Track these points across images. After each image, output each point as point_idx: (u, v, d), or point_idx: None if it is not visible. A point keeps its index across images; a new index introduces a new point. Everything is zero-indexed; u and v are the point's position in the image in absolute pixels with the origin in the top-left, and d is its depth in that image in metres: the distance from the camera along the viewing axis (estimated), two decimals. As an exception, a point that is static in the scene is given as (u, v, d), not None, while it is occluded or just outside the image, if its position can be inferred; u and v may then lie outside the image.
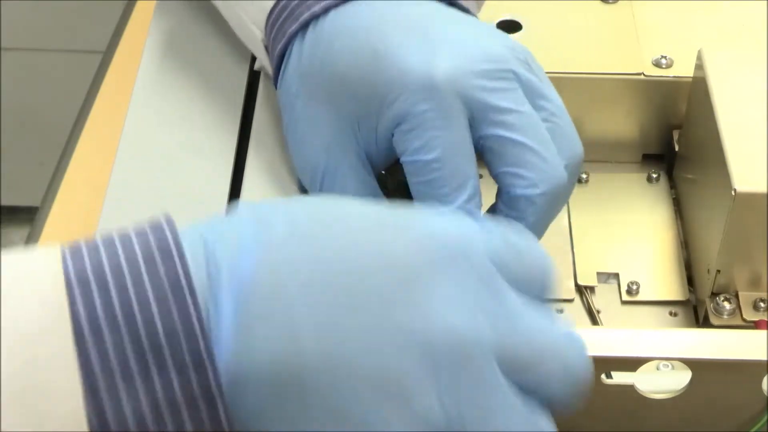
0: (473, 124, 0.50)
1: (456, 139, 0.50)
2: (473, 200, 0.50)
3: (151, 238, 0.37)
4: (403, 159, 0.51)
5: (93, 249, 0.38)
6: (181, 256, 0.37)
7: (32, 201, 1.21)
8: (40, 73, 1.68)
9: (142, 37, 0.66)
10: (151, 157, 0.59)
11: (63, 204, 0.68)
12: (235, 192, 0.57)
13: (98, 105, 0.75)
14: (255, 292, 0.37)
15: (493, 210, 0.53)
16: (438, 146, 0.50)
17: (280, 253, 0.38)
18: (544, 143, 0.51)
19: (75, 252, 0.37)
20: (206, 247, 0.38)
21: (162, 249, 0.37)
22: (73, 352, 0.35)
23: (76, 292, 0.36)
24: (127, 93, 0.63)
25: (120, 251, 0.37)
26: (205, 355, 0.35)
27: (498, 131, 0.50)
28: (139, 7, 0.82)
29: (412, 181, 0.51)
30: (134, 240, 0.38)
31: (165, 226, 0.38)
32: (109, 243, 0.38)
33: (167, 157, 0.59)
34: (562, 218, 0.67)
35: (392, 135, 0.51)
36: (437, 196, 0.50)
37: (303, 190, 0.56)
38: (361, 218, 0.40)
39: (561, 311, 0.63)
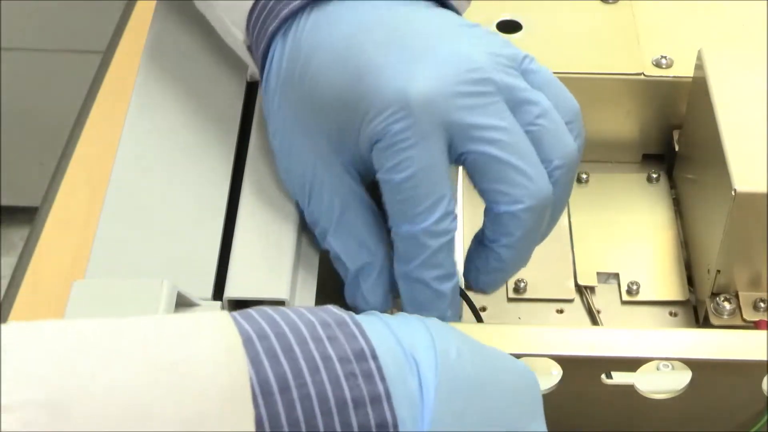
0: (453, 141, 0.50)
1: (430, 159, 0.50)
2: (447, 219, 0.51)
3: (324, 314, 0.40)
4: (378, 176, 0.51)
5: (261, 313, 0.40)
6: (363, 332, 0.40)
7: (32, 201, 1.21)
8: (40, 73, 1.68)
9: (142, 37, 0.66)
10: (151, 156, 0.59)
11: (63, 204, 0.68)
12: (235, 190, 0.57)
13: (98, 105, 0.75)
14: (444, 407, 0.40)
15: (482, 230, 0.53)
16: (411, 166, 0.50)
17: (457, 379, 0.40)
18: (525, 157, 0.50)
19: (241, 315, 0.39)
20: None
21: (340, 320, 0.40)
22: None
23: (264, 348, 0.38)
24: (127, 93, 0.63)
25: (297, 321, 0.39)
26: (390, 420, 0.38)
27: (478, 147, 0.50)
28: (139, 7, 0.82)
29: (386, 198, 0.51)
30: (308, 314, 0.40)
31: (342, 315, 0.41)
32: (282, 313, 0.40)
33: (167, 156, 0.59)
34: (562, 218, 0.67)
35: (371, 150, 0.51)
36: (411, 215, 0.50)
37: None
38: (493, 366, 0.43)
39: (561, 311, 0.63)
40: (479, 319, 0.60)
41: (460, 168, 0.60)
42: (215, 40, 0.62)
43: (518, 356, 0.49)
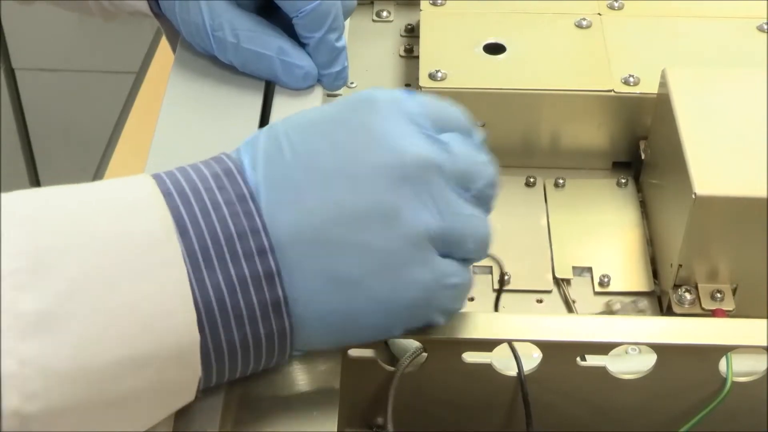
0: None
1: None
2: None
3: (216, 166, 0.43)
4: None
5: (172, 175, 0.43)
6: (244, 179, 0.42)
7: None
8: (79, 91, 1.68)
9: (171, 59, 0.66)
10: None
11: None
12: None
13: (131, 120, 0.75)
14: (277, 197, 0.42)
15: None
16: None
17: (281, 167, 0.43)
18: None
19: (159, 177, 0.43)
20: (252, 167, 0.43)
21: (227, 171, 0.43)
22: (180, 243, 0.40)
23: (178, 201, 0.41)
24: (157, 109, 0.63)
25: (198, 176, 0.43)
26: (266, 245, 0.41)
27: None
28: (167, 33, 0.82)
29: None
30: (205, 168, 0.43)
31: (225, 157, 0.44)
32: (186, 173, 0.43)
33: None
34: (541, 218, 0.67)
35: None
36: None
37: None
38: (334, 127, 0.44)
39: (541, 301, 0.62)
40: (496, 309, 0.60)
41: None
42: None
43: (503, 341, 0.49)
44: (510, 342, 0.50)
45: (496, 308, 0.61)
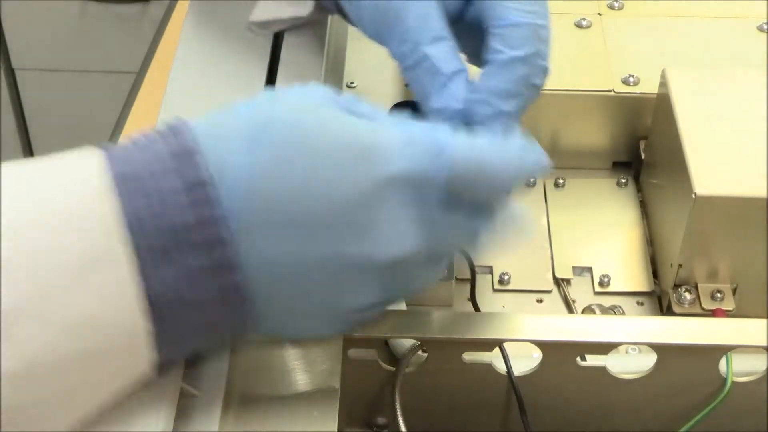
0: None
1: None
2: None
3: (174, 142, 0.41)
4: None
5: (127, 151, 0.42)
6: (202, 162, 0.41)
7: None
8: (79, 91, 1.69)
9: (171, 60, 0.66)
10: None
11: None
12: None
13: (131, 118, 0.75)
14: (249, 207, 0.40)
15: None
16: None
17: (264, 183, 0.41)
18: None
19: (113, 155, 0.42)
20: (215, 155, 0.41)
21: (184, 151, 0.41)
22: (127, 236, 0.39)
23: (129, 187, 0.40)
24: (157, 109, 0.63)
25: (152, 155, 0.41)
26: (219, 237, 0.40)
27: None
28: (168, 32, 0.82)
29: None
30: (161, 144, 0.41)
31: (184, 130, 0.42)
32: (141, 148, 0.42)
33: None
34: (541, 218, 0.67)
35: None
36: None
37: None
38: (327, 153, 0.41)
39: (541, 301, 0.62)
40: (476, 309, 0.60)
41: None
42: (235, 66, 0.61)
43: (503, 341, 0.49)
44: (501, 343, 0.50)
45: (475, 307, 0.61)
